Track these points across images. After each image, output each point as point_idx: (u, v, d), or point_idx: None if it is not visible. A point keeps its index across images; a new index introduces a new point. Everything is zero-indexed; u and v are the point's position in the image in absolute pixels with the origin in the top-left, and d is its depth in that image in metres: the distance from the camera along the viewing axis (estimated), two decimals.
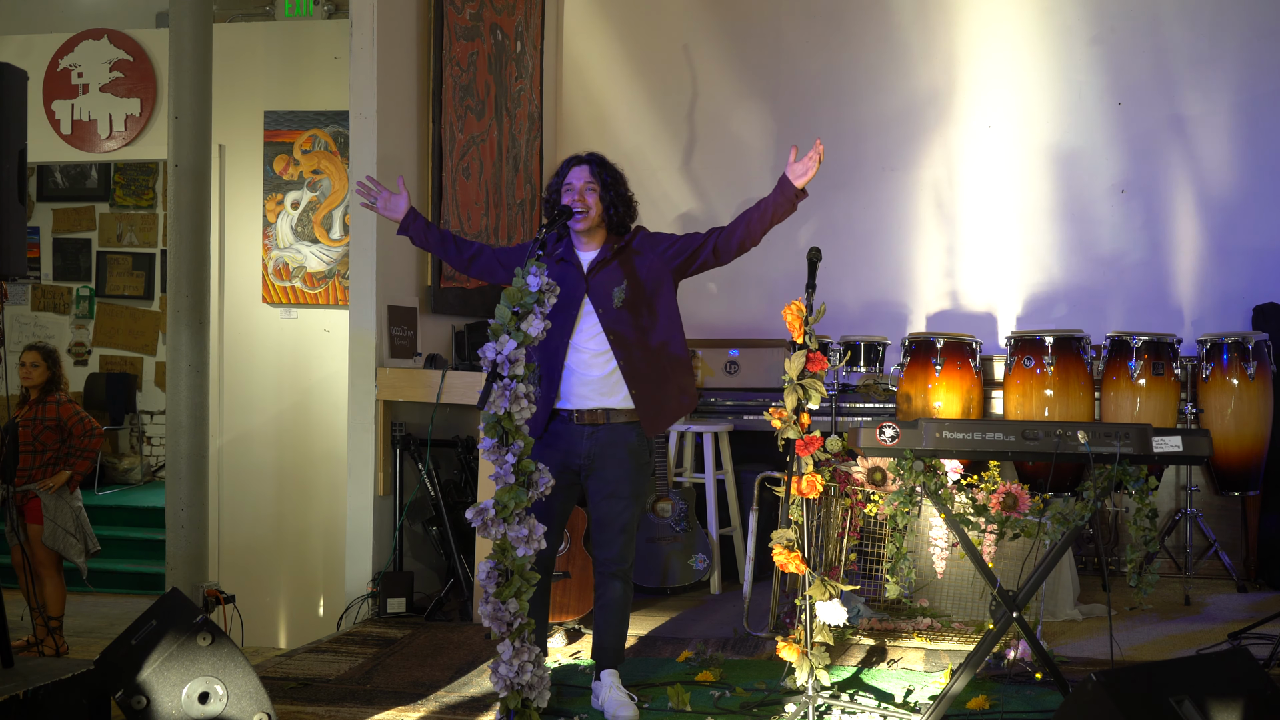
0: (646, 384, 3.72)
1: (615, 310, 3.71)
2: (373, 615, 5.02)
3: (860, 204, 6.72)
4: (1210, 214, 6.33)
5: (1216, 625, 4.77)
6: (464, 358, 5.68)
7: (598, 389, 3.71)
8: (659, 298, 3.77)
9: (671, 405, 3.79)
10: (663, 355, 3.76)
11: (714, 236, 3.79)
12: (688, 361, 3.86)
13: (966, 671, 3.51)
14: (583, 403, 3.72)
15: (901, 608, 4.78)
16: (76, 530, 5.71)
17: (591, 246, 3.80)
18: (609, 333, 3.70)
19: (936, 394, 5.63)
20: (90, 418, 5.85)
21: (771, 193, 3.72)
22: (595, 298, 3.72)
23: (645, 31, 7.04)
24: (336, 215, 6.26)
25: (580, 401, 3.72)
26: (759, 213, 3.73)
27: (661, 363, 3.76)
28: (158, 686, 3.21)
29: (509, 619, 3.21)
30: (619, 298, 3.71)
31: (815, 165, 3.68)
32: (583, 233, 3.78)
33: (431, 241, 3.97)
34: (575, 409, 3.73)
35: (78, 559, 5.71)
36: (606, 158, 3.85)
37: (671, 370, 3.79)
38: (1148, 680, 2.72)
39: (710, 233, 3.80)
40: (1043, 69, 6.55)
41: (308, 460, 6.29)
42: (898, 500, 3.60)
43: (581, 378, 3.72)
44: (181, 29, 4.80)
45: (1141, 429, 3.43)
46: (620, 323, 3.70)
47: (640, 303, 3.74)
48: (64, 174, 9.76)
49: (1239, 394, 5.46)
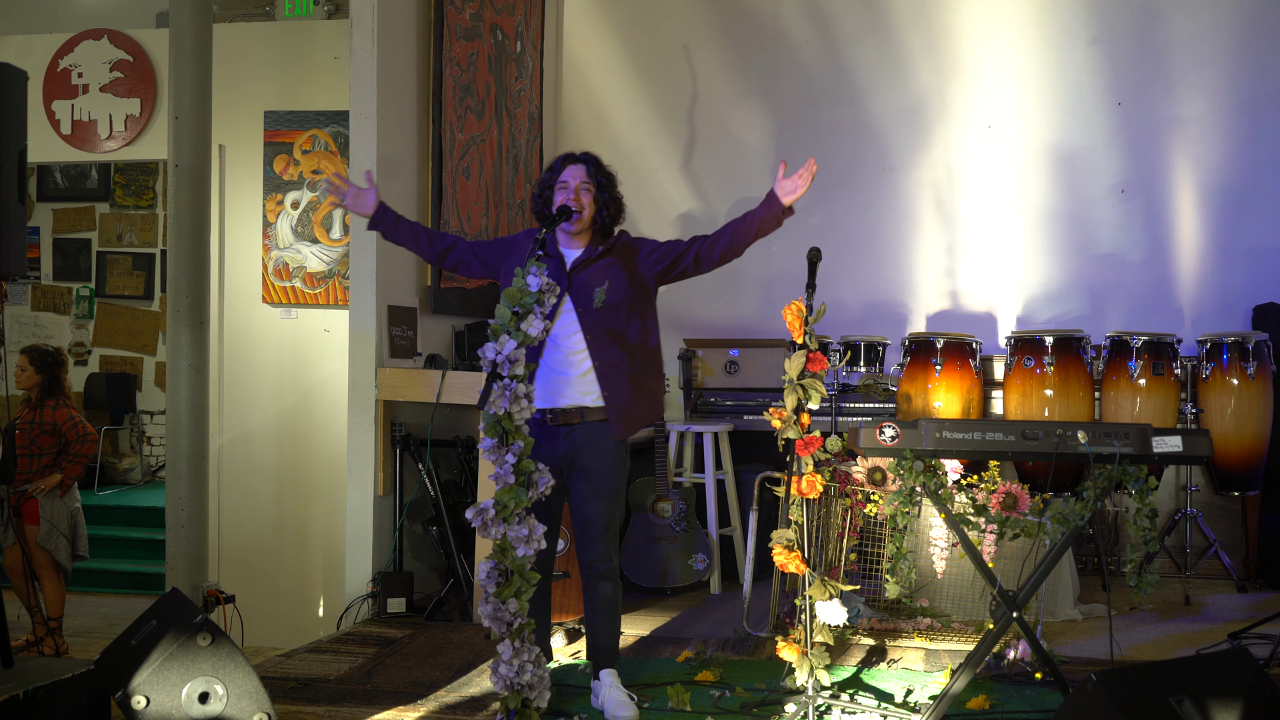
0: (618, 387, 3.70)
1: (595, 310, 3.70)
2: (373, 615, 5.02)
3: (860, 204, 6.72)
4: (1210, 214, 6.33)
5: (1216, 625, 4.77)
6: (464, 358, 5.68)
7: (573, 387, 3.71)
8: (638, 303, 3.76)
9: (642, 410, 3.78)
10: (637, 360, 3.75)
11: (696, 245, 3.77)
12: (660, 368, 3.87)
13: (966, 671, 3.51)
14: (557, 400, 3.71)
15: (901, 608, 4.78)
16: (69, 532, 5.72)
17: (576, 245, 3.80)
18: (586, 332, 3.69)
19: (936, 394, 5.63)
20: (85, 423, 5.84)
21: (759, 206, 3.70)
22: (576, 296, 3.71)
23: (645, 31, 7.04)
24: (336, 215, 6.26)
25: (554, 400, 3.71)
26: (744, 225, 3.71)
27: (636, 367, 3.75)
28: (158, 686, 3.21)
29: (509, 619, 3.21)
30: (599, 298, 3.70)
31: (806, 184, 3.65)
32: (572, 232, 3.77)
33: (403, 235, 3.91)
34: (549, 409, 3.72)
35: (65, 562, 5.71)
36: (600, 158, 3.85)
37: (645, 376, 3.78)
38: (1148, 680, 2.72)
39: (693, 241, 3.78)
40: (1043, 69, 6.55)
41: (308, 460, 6.29)
42: (898, 500, 3.60)
43: (557, 375, 3.71)
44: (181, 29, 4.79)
45: (1141, 429, 3.43)
46: (598, 323, 3.70)
47: (620, 306, 3.72)
48: (64, 174, 9.76)
49: (1239, 394, 5.46)
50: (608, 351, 3.69)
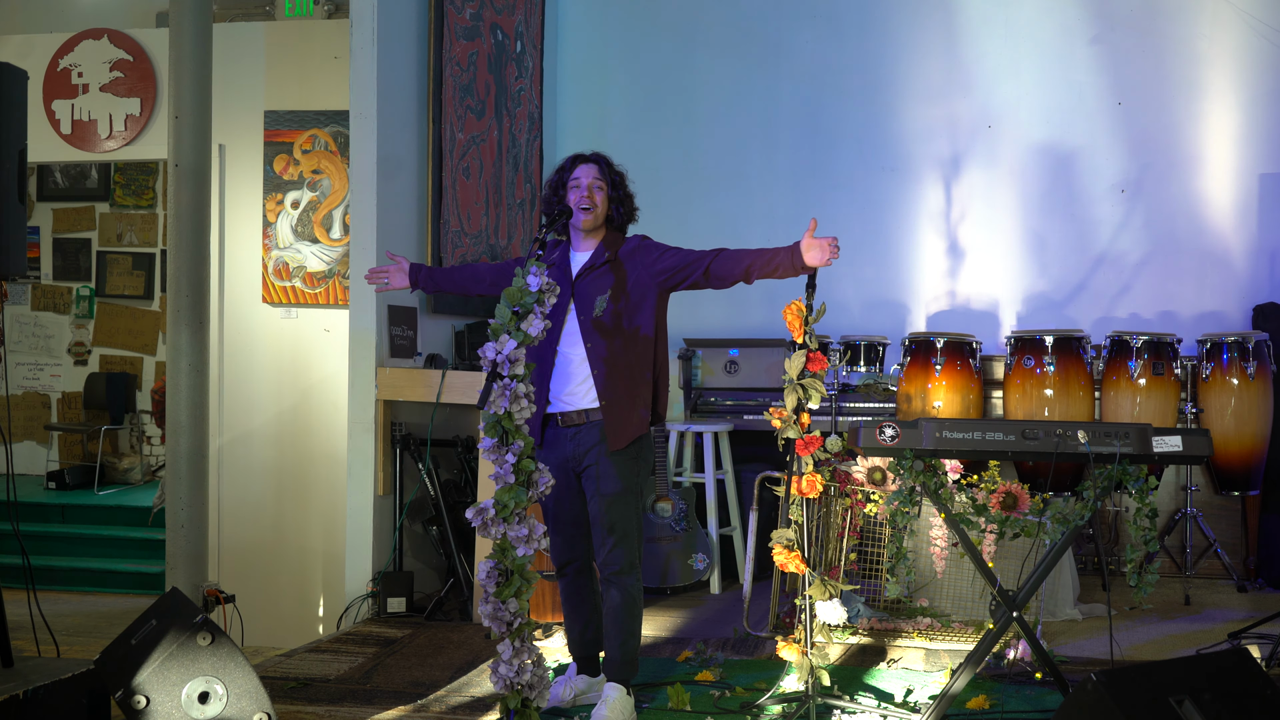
0: (614, 396, 3.68)
1: (595, 318, 3.68)
2: (373, 615, 5.02)
3: (860, 204, 6.72)
4: (1210, 214, 6.34)
5: (1216, 625, 4.78)
6: (464, 357, 5.68)
7: (577, 393, 3.70)
8: (642, 311, 3.71)
9: (635, 421, 3.71)
10: (635, 370, 3.71)
11: (710, 260, 3.68)
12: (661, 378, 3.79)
13: (966, 671, 3.51)
14: (566, 405, 3.71)
15: (901, 607, 4.78)
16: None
17: (587, 247, 3.78)
18: (586, 341, 3.68)
19: (936, 394, 5.63)
20: None
21: (784, 251, 3.62)
22: (579, 303, 3.70)
23: (645, 31, 7.05)
24: (336, 215, 6.25)
25: (563, 405, 3.71)
26: (763, 260, 3.65)
27: (633, 377, 3.71)
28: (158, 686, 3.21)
29: (509, 619, 3.21)
30: (600, 306, 3.69)
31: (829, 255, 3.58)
32: (585, 231, 3.76)
33: (441, 284, 4.12)
34: (559, 412, 3.72)
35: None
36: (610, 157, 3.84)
37: (641, 387, 3.73)
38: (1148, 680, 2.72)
39: (708, 254, 3.69)
40: (1043, 69, 6.55)
41: (308, 460, 6.29)
42: (898, 500, 3.60)
43: (564, 380, 3.71)
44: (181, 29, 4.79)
45: (1141, 429, 3.43)
46: (597, 332, 3.68)
47: (621, 314, 3.70)
48: (64, 174, 9.76)
49: (1239, 394, 5.46)
50: (604, 361, 3.67)
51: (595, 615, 3.84)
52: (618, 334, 3.69)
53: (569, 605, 3.87)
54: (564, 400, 3.71)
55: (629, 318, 3.70)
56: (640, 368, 3.73)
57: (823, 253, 3.58)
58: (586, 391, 3.69)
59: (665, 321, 3.82)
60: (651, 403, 3.77)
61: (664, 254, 3.74)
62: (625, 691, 3.69)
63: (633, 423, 3.70)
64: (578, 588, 3.84)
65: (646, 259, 3.74)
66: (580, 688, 3.87)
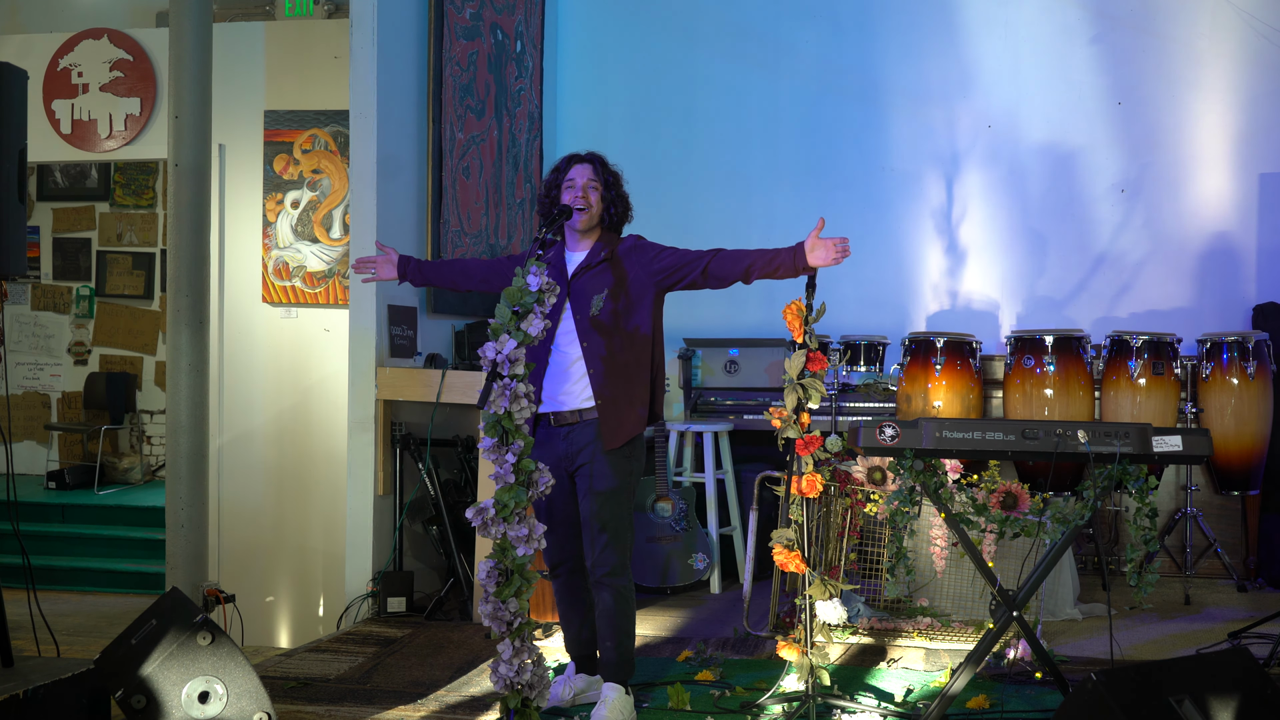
0: (610, 395, 3.67)
1: (591, 318, 3.68)
2: (373, 615, 5.02)
3: (860, 203, 6.72)
4: (1210, 214, 6.34)
5: (1216, 625, 4.78)
6: (464, 357, 5.68)
7: (572, 392, 3.70)
8: (639, 310, 3.71)
9: (631, 421, 3.71)
10: (632, 369, 3.71)
11: (708, 260, 3.68)
12: (657, 377, 3.79)
13: (966, 671, 3.51)
14: (560, 405, 3.71)
15: (901, 607, 4.78)
16: None
17: (583, 247, 3.78)
18: (582, 340, 3.68)
19: (936, 394, 5.63)
20: None
21: (785, 252, 3.63)
22: (575, 303, 3.70)
23: (645, 31, 7.05)
24: (336, 215, 6.26)
25: (557, 404, 3.71)
26: (764, 261, 3.66)
27: (630, 376, 3.71)
28: (158, 686, 3.21)
29: (509, 618, 3.21)
30: (596, 306, 3.68)
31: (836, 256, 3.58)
32: (581, 231, 3.76)
33: (430, 277, 4.09)
34: (553, 412, 3.72)
35: None
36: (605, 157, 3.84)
37: (639, 386, 3.73)
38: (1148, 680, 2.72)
39: (706, 254, 3.69)
40: (1043, 69, 6.56)
41: (308, 460, 6.29)
42: (897, 500, 3.60)
43: (559, 380, 3.71)
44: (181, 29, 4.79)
45: (1141, 428, 3.43)
46: (594, 331, 3.67)
47: (618, 313, 3.69)
48: (64, 173, 9.76)
49: (1239, 393, 5.46)
50: (601, 360, 3.67)
51: (591, 614, 3.84)
52: (616, 333, 3.69)
53: (564, 605, 3.87)
54: (558, 400, 3.71)
55: (627, 316, 3.71)
56: (637, 367, 3.73)
57: (829, 252, 3.58)
58: (582, 390, 3.69)
59: (661, 321, 3.83)
60: (649, 402, 3.77)
61: (661, 253, 3.75)
62: (624, 691, 3.69)
63: (629, 421, 3.70)
64: (572, 587, 3.84)
65: (643, 258, 3.74)
66: (580, 687, 3.87)
